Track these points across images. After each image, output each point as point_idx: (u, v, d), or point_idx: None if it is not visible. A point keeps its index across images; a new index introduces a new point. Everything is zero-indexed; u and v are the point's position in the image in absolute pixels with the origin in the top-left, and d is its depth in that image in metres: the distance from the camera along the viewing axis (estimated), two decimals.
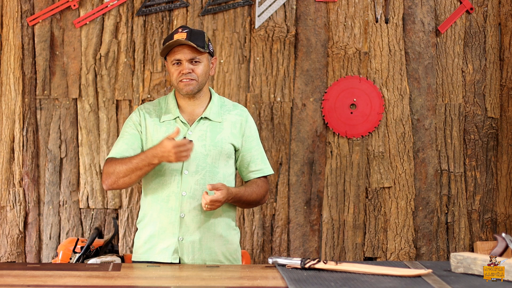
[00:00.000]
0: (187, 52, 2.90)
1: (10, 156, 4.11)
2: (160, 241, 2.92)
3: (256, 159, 3.02)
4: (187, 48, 2.90)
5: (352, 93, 4.20)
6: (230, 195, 2.87)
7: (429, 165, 4.24)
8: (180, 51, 2.90)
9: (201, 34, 2.94)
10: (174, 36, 2.90)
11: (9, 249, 4.11)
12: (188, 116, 2.98)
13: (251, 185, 3.01)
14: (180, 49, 2.90)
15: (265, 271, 2.67)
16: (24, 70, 4.10)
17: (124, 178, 2.84)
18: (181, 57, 2.90)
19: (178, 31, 2.92)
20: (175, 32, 2.92)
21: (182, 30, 2.92)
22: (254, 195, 2.99)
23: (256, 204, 3.06)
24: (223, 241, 2.96)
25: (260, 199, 3.03)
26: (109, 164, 2.88)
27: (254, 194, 2.99)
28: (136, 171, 2.82)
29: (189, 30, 2.92)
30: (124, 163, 2.84)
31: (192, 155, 2.90)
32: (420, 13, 4.21)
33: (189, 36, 2.89)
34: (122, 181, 2.85)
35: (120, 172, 2.84)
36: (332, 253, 4.20)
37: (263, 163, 3.04)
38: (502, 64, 4.26)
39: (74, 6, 4.09)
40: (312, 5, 4.18)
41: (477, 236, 4.27)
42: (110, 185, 2.88)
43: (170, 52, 2.93)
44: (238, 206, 3.03)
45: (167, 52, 2.94)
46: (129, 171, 2.83)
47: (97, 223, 4.11)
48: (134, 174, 2.83)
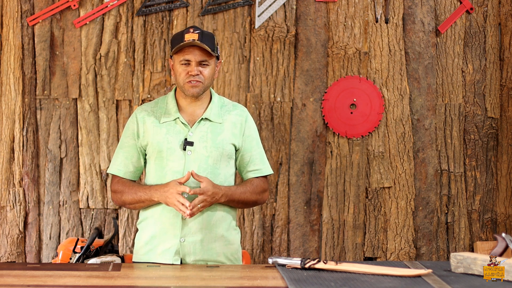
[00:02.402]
0: (198, 54, 2.87)
1: (10, 156, 4.11)
2: (161, 242, 2.92)
3: (255, 159, 3.02)
4: (198, 49, 2.87)
5: (352, 93, 4.20)
6: (218, 189, 2.85)
7: (429, 165, 4.24)
8: (191, 52, 2.87)
9: (212, 37, 2.92)
10: (186, 36, 2.86)
11: (9, 249, 4.11)
12: (189, 117, 2.97)
13: (244, 184, 2.99)
14: (191, 50, 2.87)
15: (265, 271, 2.67)
16: (24, 70, 4.10)
17: (130, 206, 2.98)
18: (191, 58, 2.87)
19: (189, 30, 2.88)
20: (186, 32, 2.88)
21: (193, 30, 2.88)
22: (248, 194, 2.96)
23: (253, 204, 3.04)
24: (224, 241, 2.96)
25: (256, 199, 3.00)
26: (118, 187, 2.97)
27: (248, 193, 2.96)
28: (140, 203, 2.94)
29: (200, 31, 2.88)
30: (131, 193, 2.94)
31: (193, 156, 2.90)
32: (420, 13, 4.21)
33: (200, 38, 2.86)
34: (130, 207, 3.01)
35: (126, 200, 2.95)
36: (332, 253, 4.20)
37: (261, 163, 3.03)
38: (502, 64, 4.26)
39: (74, 6, 4.09)
40: (312, 5, 4.18)
41: (477, 236, 4.27)
42: (118, 204, 3.05)
43: (179, 51, 2.89)
44: (234, 206, 2.99)
45: (177, 50, 2.90)
46: (134, 202, 2.94)
47: (97, 223, 4.11)
48: (139, 204, 2.95)
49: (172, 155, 2.91)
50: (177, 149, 2.91)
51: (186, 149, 2.90)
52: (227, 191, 2.89)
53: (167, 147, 2.91)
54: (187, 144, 2.89)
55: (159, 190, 2.85)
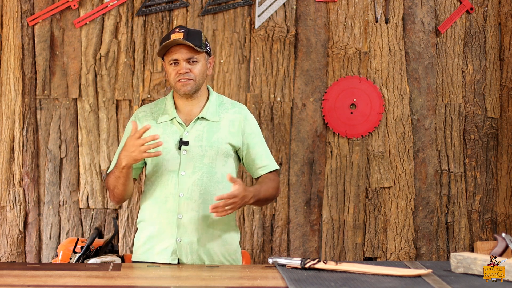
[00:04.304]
0: (184, 52, 2.90)
1: (10, 156, 4.11)
2: (159, 242, 2.92)
3: (261, 155, 3.02)
4: (184, 47, 2.90)
5: (352, 93, 4.20)
6: (248, 192, 2.83)
7: (429, 165, 4.24)
8: (177, 51, 2.90)
9: (198, 33, 2.94)
10: (171, 36, 2.90)
11: (9, 249, 4.11)
12: (185, 117, 2.97)
13: (266, 182, 2.99)
14: (177, 49, 2.90)
15: (265, 271, 2.67)
16: (24, 70, 4.11)
17: (115, 190, 2.91)
18: (178, 57, 2.90)
19: (175, 31, 2.92)
20: (172, 32, 2.92)
21: (179, 30, 2.92)
22: (271, 190, 2.98)
23: (273, 199, 3.08)
24: (222, 241, 2.96)
25: (276, 194, 3.04)
26: (106, 180, 2.97)
27: (271, 189, 2.98)
28: (118, 180, 2.88)
29: (186, 29, 2.92)
30: (109, 175, 2.92)
31: (189, 156, 2.90)
32: (420, 13, 4.21)
33: (186, 36, 2.89)
34: (116, 193, 2.92)
35: (110, 185, 2.92)
36: (332, 253, 4.20)
37: (268, 159, 3.04)
38: (502, 64, 4.26)
39: (74, 6, 4.09)
40: (312, 5, 4.18)
41: (477, 236, 4.27)
42: (112, 199, 2.98)
43: (167, 52, 2.92)
44: (257, 205, 3.01)
45: (164, 52, 2.93)
46: (114, 182, 2.89)
47: (97, 223, 4.11)
48: (118, 182, 2.88)
49: (168, 155, 2.91)
50: (172, 149, 2.92)
51: (182, 149, 2.91)
52: (255, 192, 2.89)
53: (163, 146, 2.91)
54: (182, 144, 2.90)
55: (121, 154, 2.80)
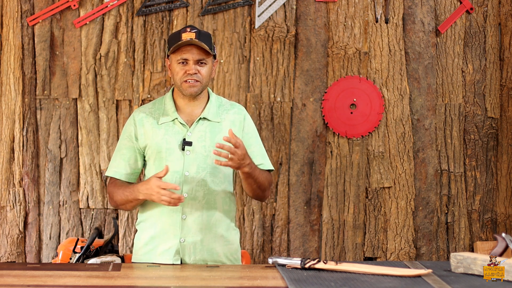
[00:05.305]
0: (195, 53, 2.88)
1: (10, 156, 4.11)
2: (161, 243, 2.92)
3: (256, 155, 3.00)
4: (195, 48, 2.88)
5: (352, 93, 4.20)
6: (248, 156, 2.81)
7: (429, 165, 4.24)
8: (188, 51, 2.87)
9: (208, 36, 2.92)
10: (182, 35, 2.86)
11: (9, 249, 4.11)
12: (187, 117, 2.97)
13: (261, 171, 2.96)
14: (188, 49, 2.88)
15: (265, 271, 2.67)
16: (24, 70, 4.10)
17: (122, 207, 2.97)
18: (188, 57, 2.87)
19: (186, 30, 2.88)
20: (183, 31, 2.88)
21: (190, 29, 2.88)
22: (263, 178, 2.93)
23: (263, 191, 2.98)
24: (224, 241, 2.96)
25: (266, 187, 2.97)
26: (111, 188, 2.98)
27: (262, 177, 2.93)
28: (129, 202, 2.92)
29: (197, 30, 2.89)
30: (119, 193, 2.93)
31: (192, 156, 2.90)
32: (420, 13, 4.21)
33: (197, 37, 2.86)
34: (123, 208, 2.99)
35: (118, 201, 2.95)
36: (332, 253, 4.20)
37: (262, 159, 3.02)
38: (502, 64, 4.26)
39: (74, 6, 4.09)
40: (312, 5, 4.18)
41: (477, 236, 4.27)
42: (112, 205, 3.03)
43: (176, 50, 2.89)
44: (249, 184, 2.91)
45: (174, 50, 2.89)
46: (123, 202, 2.93)
47: (97, 223, 4.11)
48: (128, 204, 2.93)
49: (171, 156, 2.91)
50: (176, 150, 2.91)
51: (185, 149, 2.90)
52: (252, 164, 2.86)
53: (166, 147, 2.91)
54: (186, 144, 2.90)
55: (142, 188, 2.83)
